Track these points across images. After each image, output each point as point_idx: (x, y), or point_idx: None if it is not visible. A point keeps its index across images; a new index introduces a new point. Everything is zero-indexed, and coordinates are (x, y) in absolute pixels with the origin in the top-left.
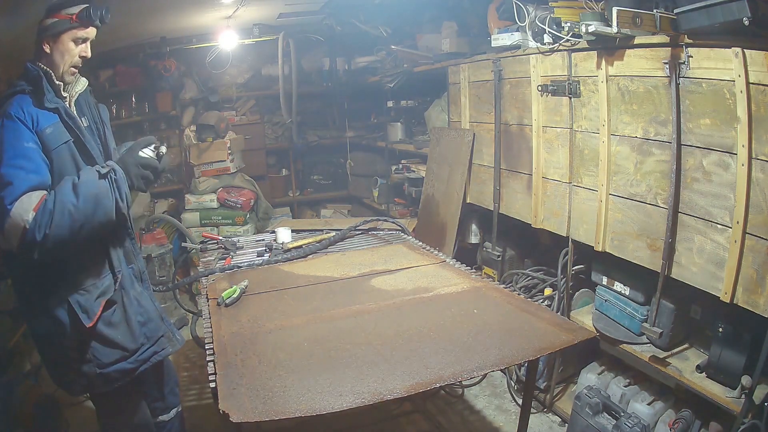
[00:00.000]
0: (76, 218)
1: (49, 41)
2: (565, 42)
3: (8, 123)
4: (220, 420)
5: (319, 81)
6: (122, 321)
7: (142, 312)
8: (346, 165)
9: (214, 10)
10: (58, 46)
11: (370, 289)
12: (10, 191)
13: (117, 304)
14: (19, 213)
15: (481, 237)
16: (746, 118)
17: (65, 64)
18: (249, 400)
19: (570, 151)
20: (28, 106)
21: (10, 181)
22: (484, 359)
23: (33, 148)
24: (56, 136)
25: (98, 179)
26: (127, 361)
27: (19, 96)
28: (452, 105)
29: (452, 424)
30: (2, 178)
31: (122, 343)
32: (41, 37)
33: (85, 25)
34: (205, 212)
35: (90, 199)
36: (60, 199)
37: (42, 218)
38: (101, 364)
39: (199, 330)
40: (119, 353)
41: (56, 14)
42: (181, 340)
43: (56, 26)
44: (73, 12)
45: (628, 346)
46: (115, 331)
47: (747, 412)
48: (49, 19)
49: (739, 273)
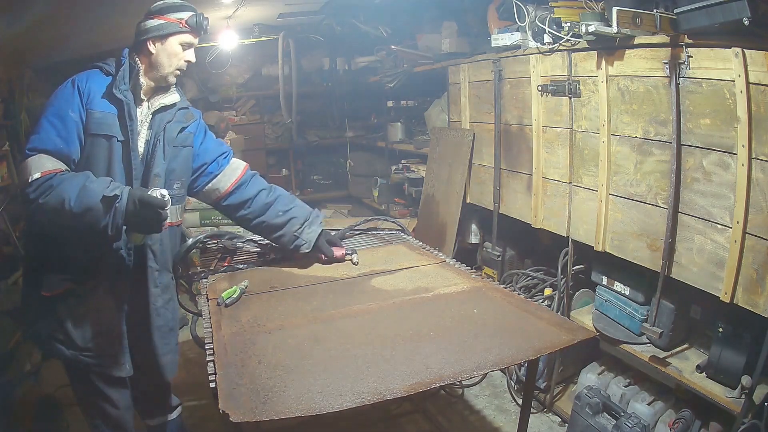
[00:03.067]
0: (63, 211)
1: (156, 41)
2: (565, 42)
3: (68, 86)
4: (220, 420)
5: (319, 81)
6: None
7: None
8: (346, 165)
9: (214, 10)
10: (165, 48)
11: (370, 289)
12: (36, 140)
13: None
14: (31, 165)
15: (481, 237)
16: (746, 118)
17: (171, 66)
18: (249, 400)
19: (570, 151)
20: (93, 82)
21: (40, 132)
22: (484, 359)
23: (73, 118)
24: (102, 124)
25: (100, 198)
26: (67, 348)
27: (94, 70)
28: (452, 105)
29: (452, 424)
30: (38, 126)
31: (69, 330)
32: (146, 36)
33: (194, 31)
34: (205, 212)
35: (82, 207)
36: (65, 186)
37: (42, 186)
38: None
39: (199, 330)
40: (61, 335)
41: (163, 17)
42: (129, 369)
43: (165, 28)
44: (182, 17)
45: (628, 346)
46: (67, 314)
47: (747, 412)
48: (154, 20)
49: (739, 273)
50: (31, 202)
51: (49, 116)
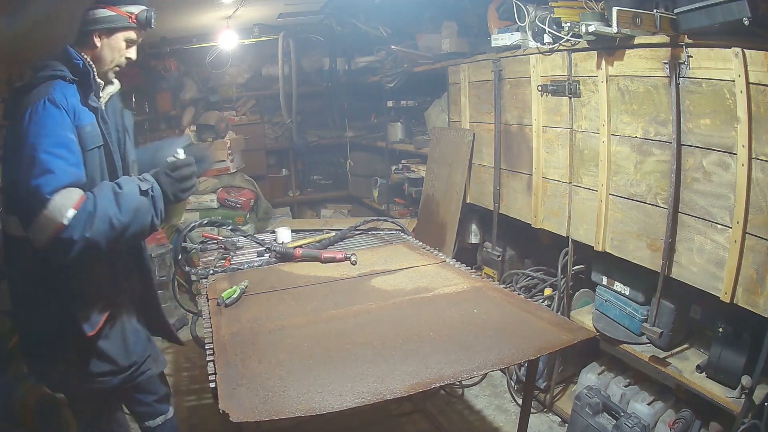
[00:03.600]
0: (115, 228)
1: (103, 35)
2: (565, 42)
3: (51, 108)
4: (220, 420)
5: (319, 81)
6: (119, 336)
7: (135, 331)
8: (346, 165)
9: (214, 10)
10: (111, 43)
11: (370, 289)
12: (51, 180)
13: (117, 318)
14: (59, 207)
15: (481, 237)
16: (746, 118)
17: (113, 62)
18: (249, 400)
19: (570, 151)
20: (69, 96)
21: (51, 170)
22: (484, 359)
23: (74, 140)
24: (93, 137)
25: (139, 194)
26: (116, 377)
27: (61, 82)
28: (452, 105)
29: (452, 424)
30: (41, 164)
31: (115, 358)
32: (93, 27)
33: (140, 28)
34: (205, 212)
35: (130, 212)
36: (102, 204)
37: (83, 219)
38: (90, 374)
39: (199, 330)
40: (109, 367)
41: (112, 7)
42: (164, 361)
43: (114, 21)
44: (132, 12)
45: (628, 346)
46: (109, 345)
47: (747, 412)
48: (104, 10)
49: (739, 273)
50: (75, 243)
51: (51, 148)
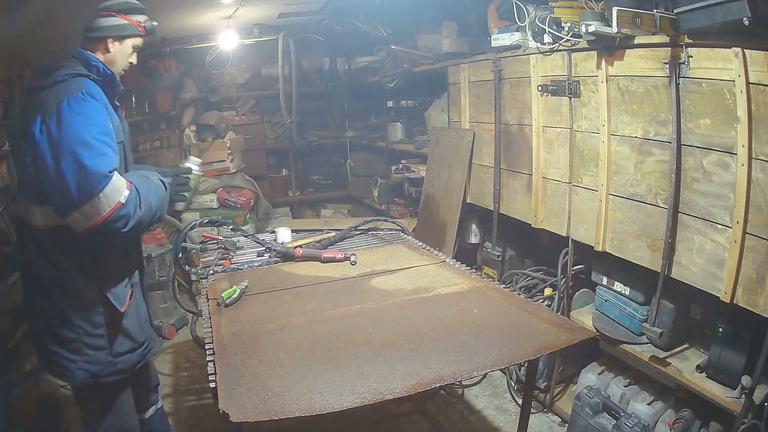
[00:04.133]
0: (152, 210)
1: (116, 41)
2: (565, 42)
3: (91, 100)
4: (220, 420)
5: (319, 81)
6: (135, 314)
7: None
8: (346, 165)
9: (214, 10)
10: (122, 49)
11: (370, 289)
12: (107, 162)
13: (132, 298)
14: (117, 186)
15: (481, 237)
16: (746, 118)
17: (122, 66)
18: (249, 400)
19: (570, 151)
20: (99, 93)
21: (105, 153)
22: (484, 359)
23: (113, 131)
24: (118, 133)
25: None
26: (134, 353)
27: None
28: (452, 105)
29: (452, 424)
30: (95, 149)
31: (134, 335)
32: (107, 33)
33: (145, 36)
34: (205, 212)
35: (158, 199)
36: (142, 189)
37: (132, 197)
38: (115, 353)
39: (199, 330)
40: (130, 344)
41: (124, 16)
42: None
43: (126, 29)
44: (141, 21)
45: (628, 346)
46: (130, 322)
47: (747, 412)
48: (117, 19)
49: (739, 273)
50: (131, 218)
51: (99, 135)
